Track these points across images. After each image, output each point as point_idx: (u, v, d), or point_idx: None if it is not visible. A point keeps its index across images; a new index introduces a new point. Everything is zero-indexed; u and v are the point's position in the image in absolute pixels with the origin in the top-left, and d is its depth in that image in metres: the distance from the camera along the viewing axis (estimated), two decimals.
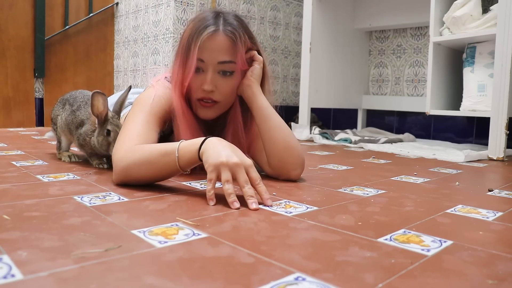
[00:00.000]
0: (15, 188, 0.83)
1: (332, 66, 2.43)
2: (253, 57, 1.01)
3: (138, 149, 0.85)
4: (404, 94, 2.50)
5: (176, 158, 0.81)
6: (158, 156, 0.83)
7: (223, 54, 0.94)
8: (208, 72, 0.95)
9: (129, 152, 0.85)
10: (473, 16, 1.73)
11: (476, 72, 1.79)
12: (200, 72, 0.96)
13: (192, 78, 0.96)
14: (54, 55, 2.48)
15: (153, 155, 0.83)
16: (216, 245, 0.54)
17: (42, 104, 2.45)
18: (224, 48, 0.94)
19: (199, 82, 0.96)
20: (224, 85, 0.97)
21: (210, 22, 0.93)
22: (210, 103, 0.98)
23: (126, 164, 0.85)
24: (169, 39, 2.24)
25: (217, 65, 0.95)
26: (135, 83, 2.56)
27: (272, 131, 0.98)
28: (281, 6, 2.75)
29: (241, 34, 0.95)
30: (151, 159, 0.83)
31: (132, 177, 0.86)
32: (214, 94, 0.97)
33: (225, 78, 0.97)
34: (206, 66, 0.95)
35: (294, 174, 1.01)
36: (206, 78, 0.95)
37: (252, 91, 0.99)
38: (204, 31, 0.92)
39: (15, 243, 0.52)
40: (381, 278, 0.45)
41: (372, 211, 0.75)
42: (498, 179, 1.20)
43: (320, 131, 2.20)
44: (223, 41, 0.94)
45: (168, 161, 0.82)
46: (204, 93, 0.96)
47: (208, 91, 0.95)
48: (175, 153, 0.81)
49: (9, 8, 2.31)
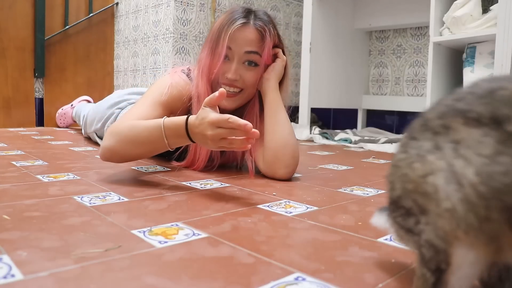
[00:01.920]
0: (15, 188, 0.83)
1: (332, 66, 2.43)
2: (277, 54, 1.06)
3: (124, 126, 0.92)
4: (404, 94, 2.50)
5: (163, 134, 0.86)
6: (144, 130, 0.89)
7: (250, 45, 0.99)
8: (233, 61, 0.99)
9: (115, 130, 0.92)
10: (473, 16, 1.73)
11: (476, 72, 1.79)
12: (226, 60, 1.00)
13: (221, 64, 0.99)
14: (54, 55, 2.48)
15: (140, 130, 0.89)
16: (216, 245, 0.54)
17: (42, 104, 2.45)
18: (252, 39, 0.99)
19: (224, 69, 1.00)
20: (248, 75, 1.01)
21: (241, 15, 0.99)
22: (232, 93, 1.01)
23: (113, 141, 0.91)
24: (169, 39, 2.24)
25: (244, 54, 0.99)
26: (135, 83, 2.56)
27: (275, 125, 1.01)
28: (281, 6, 2.75)
29: (270, 29, 1.01)
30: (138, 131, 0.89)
31: (115, 154, 0.93)
32: (238, 83, 1.01)
33: (249, 69, 1.01)
34: (233, 54, 0.99)
35: (284, 172, 1.00)
36: (231, 67, 0.99)
37: (269, 85, 1.03)
38: (235, 22, 0.97)
39: (15, 243, 0.52)
40: (381, 278, 0.45)
41: (372, 211, 0.75)
42: None
43: (320, 131, 2.20)
44: (252, 33, 0.99)
45: (156, 135, 0.87)
46: (227, 81, 1.00)
47: (232, 80, 1.00)
48: (161, 129, 0.86)
49: (9, 8, 2.31)
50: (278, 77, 1.05)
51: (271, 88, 1.03)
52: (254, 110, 1.07)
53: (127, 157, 0.94)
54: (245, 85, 1.02)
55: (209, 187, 0.90)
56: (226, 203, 0.77)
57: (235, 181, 0.98)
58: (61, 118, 2.33)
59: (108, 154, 0.93)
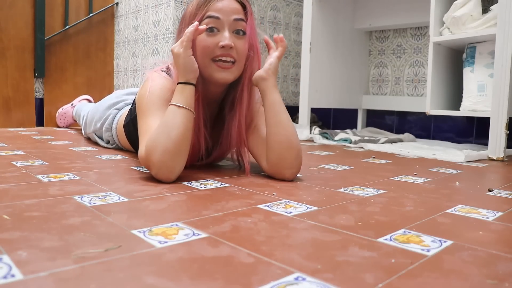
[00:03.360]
0: (15, 188, 0.83)
1: (332, 66, 2.43)
2: (268, 43, 1.05)
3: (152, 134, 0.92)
4: (404, 94, 2.50)
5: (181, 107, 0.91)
6: (171, 118, 0.91)
7: (237, 13, 0.99)
8: (224, 29, 0.98)
9: (150, 143, 0.91)
10: (473, 16, 1.73)
11: (476, 72, 1.79)
12: (214, 31, 0.98)
13: (207, 39, 0.97)
14: (54, 55, 2.48)
15: (168, 122, 0.91)
16: (216, 245, 0.54)
17: (42, 104, 2.45)
18: (237, 8, 1.00)
19: (216, 40, 0.98)
20: (239, 44, 1.00)
21: None
22: (229, 64, 0.99)
23: (153, 147, 0.90)
24: (169, 39, 2.24)
25: (233, 22, 0.98)
26: (135, 83, 2.56)
27: (278, 127, 0.99)
28: (281, 6, 2.75)
29: (248, 3, 1.03)
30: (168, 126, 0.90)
31: (161, 153, 0.90)
32: (233, 51, 0.99)
33: (239, 38, 1.00)
34: (222, 23, 0.98)
35: (289, 173, 1.01)
36: (224, 35, 0.97)
37: (268, 85, 1.01)
38: None
39: (15, 243, 0.52)
40: (381, 278, 0.45)
41: (372, 211, 0.75)
42: (498, 179, 1.20)
43: (320, 131, 2.20)
44: (234, 3, 1.00)
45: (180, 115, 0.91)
46: (223, 50, 0.97)
47: (228, 47, 0.97)
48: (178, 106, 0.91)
49: (9, 8, 2.31)
50: (275, 74, 1.03)
51: (270, 88, 1.01)
52: (247, 84, 1.05)
53: (173, 155, 0.90)
54: (238, 56, 1.00)
55: (209, 187, 0.90)
56: (226, 203, 0.77)
57: (235, 181, 0.98)
58: (61, 117, 2.33)
59: (155, 156, 0.90)
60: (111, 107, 1.51)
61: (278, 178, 1.02)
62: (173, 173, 0.92)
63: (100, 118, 1.53)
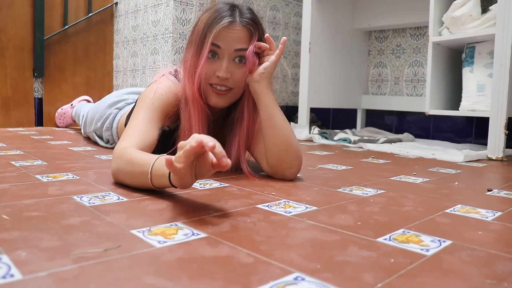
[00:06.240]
0: (14, 188, 0.83)
1: (331, 66, 2.43)
2: (263, 50, 1.01)
3: (124, 155, 0.85)
4: (403, 94, 2.50)
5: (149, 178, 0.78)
6: (138, 167, 0.80)
7: (239, 42, 0.97)
8: (224, 59, 0.97)
9: (118, 157, 0.86)
10: (472, 16, 1.73)
11: (475, 72, 1.79)
12: (215, 58, 0.98)
13: (207, 64, 0.97)
14: (53, 55, 2.48)
15: (134, 167, 0.81)
16: (215, 245, 0.54)
17: (41, 104, 2.45)
18: (241, 37, 0.97)
19: (214, 68, 0.98)
20: (238, 73, 0.99)
21: (227, 14, 0.97)
22: (224, 91, 0.99)
23: (114, 168, 0.88)
24: (169, 39, 2.24)
25: (234, 52, 0.97)
26: (134, 83, 2.56)
27: (274, 129, 0.99)
28: (280, 6, 2.75)
29: (257, 26, 1.00)
30: (132, 169, 0.82)
31: (118, 180, 0.89)
32: (228, 81, 0.99)
33: (239, 66, 0.99)
34: (223, 52, 0.97)
35: (289, 173, 1.01)
36: (222, 65, 0.97)
37: (261, 88, 1.00)
38: (221, 21, 0.95)
39: (14, 243, 0.52)
40: (380, 278, 0.45)
41: (371, 211, 0.75)
42: (497, 179, 1.20)
43: (319, 131, 2.20)
44: (241, 31, 0.97)
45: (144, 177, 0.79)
46: (218, 80, 0.98)
47: (223, 78, 0.97)
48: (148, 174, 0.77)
49: (8, 8, 2.30)
50: (269, 78, 1.01)
51: (263, 91, 0.99)
52: (248, 105, 1.04)
53: (125, 183, 0.88)
54: (235, 84, 1.00)
55: (209, 187, 0.90)
56: (226, 203, 0.77)
57: (234, 181, 0.98)
58: (61, 117, 2.33)
59: (114, 177, 0.90)
60: (112, 106, 1.51)
61: (279, 178, 1.02)
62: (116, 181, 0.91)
63: (100, 117, 1.53)
